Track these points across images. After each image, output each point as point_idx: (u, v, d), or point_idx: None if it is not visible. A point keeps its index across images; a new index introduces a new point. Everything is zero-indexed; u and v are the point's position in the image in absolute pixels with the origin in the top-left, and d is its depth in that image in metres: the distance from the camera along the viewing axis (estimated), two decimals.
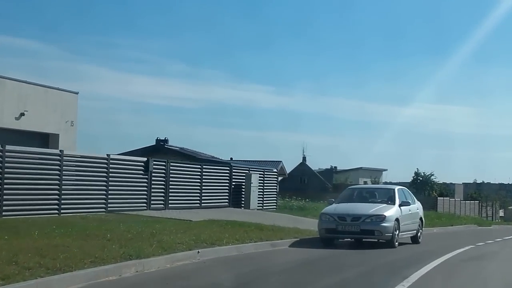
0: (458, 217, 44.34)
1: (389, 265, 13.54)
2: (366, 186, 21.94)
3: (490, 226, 40.82)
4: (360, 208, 16.92)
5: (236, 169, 26.19)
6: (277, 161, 66.01)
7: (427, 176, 75.81)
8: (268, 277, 10.95)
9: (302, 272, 11.89)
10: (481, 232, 30.02)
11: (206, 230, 15.86)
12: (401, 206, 17.35)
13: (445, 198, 56.05)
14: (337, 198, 18.37)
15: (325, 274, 11.54)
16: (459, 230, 31.15)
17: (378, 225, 16.31)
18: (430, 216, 38.02)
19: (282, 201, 35.15)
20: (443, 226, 31.41)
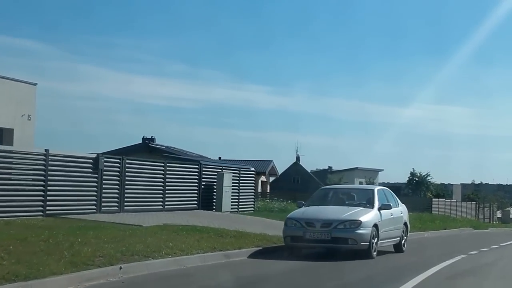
0: (453, 219, 41.80)
1: (359, 283, 11.05)
2: (341, 187, 19.30)
3: (487, 229, 38.34)
4: (332, 212, 14.40)
5: (206, 167, 23.60)
6: (267, 160, 63.59)
7: (423, 177, 73.33)
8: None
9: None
10: (477, 237, 27.52)
11: (149, 238, 13.37)
12: (381, 209, 14.83)
13: (440, 200, 53.48)
14: (308, 200, 15.83)
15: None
16: (452, 234, 28.63)
17: (352, 232, 13.77)
18: (424, 218, 35.57)
19: (263, 202, 32.56)
20: (436, 230, 28.92)
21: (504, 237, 27.74)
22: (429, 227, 29.23)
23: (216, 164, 25.79)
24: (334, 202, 15.47)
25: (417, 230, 26.76)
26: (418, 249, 18.20)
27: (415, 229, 26.81)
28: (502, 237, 28.45)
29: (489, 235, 30.01)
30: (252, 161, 63.12)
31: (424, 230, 27.34)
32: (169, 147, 59.05)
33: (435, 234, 27.30)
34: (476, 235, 29.00)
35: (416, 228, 27.11)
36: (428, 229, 27.94)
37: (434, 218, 38.09)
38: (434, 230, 28.64)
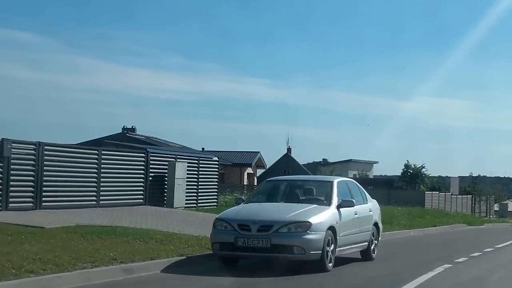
0: (446, 214, 38.34)
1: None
2: (293, 178, 15.60)
3: (482, 225, 34.90)
4: (275, 211, 10.96)
5: (156, 156, 20.14)
6: (254, 152, 60.21)
7: (418, 169, 69.81)
8: None
9: None
10: (469, 236, 24.10)
11: (27, 246, 10.01)
12: (341, 207, 11.41)
13: (434, 193, 50.04)
14: (249, 195, 12.39)
15: None
16: (442, 233, 25.20)
17: (298, 238, 10.34)
18: (413, 213, 32.17)
19: (231, 196, 29.06)
20: (424, 227, 25.49)
21: (501, 235, 24.35)
22: (417, 224, 25.81)
23: (168, 152, 22.18)
24: (284, 198, 12.04)
25: (401, 227, 23.39)
26: (394, 254, 14.81)
27: (400, 227, 23.46)
28: (498, 235, 25.06)
29: (484, 233, 26.62)
30: (237, 153, 59.89)
31: (410, 227, 23.95)
32: (150, 137, 55.72)
33: (422, 233, 23.90)
34: (469, 234, 25.59)
35: (400, 226, 23.76)
36: (415, 227, 24.53)
37: (425, 213, 34.66)
38: (422, 227, 25.21)
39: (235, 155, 58.46)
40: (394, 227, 22.82)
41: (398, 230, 22.34)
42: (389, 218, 26.03)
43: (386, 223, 24.11)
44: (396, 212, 30.72)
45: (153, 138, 54.83)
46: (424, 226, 25.64)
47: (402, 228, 23.34)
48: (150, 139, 53.39)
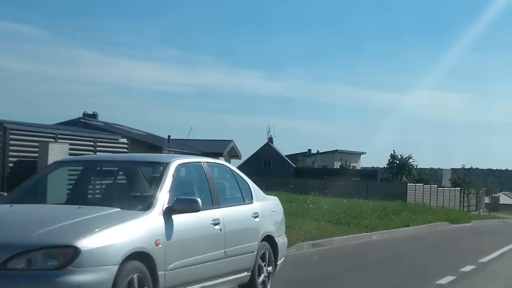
0: (429, 209, 32.82)
1: None
2: (98, 158, 9.53)
3: (469, 222, 29.38)
4: (19, 223, 5.38)
5: (19, 134, 14.40)
6: (226, 140, 54.50)
7: (405, 159, 64.29)
8: None
9: None
10: (447, 241, 18.56)
11: None
12: (172, 212, 5.86)
13: (418, 185, 44.48)
14: (16, 188, 6.73)
15: None
16: (414, 235, 19.68)
17: (46, 281, 4.78)
18: (388, 209, 26.64)
19: None
20: (394, 228, 20.01)
21: (489, 238, 18.92)
22: (386, 223, 20.32)
23: (38, 130, 16.08)
24: (72, 195, 6.54)
25: (360, 230, 17.89)
26: (322, 277, 9.28)
27: (359, 229, 17.96)
28: (486, 238, 19.63)
29: (468, 235, 21.10)
30: (208, 141, 54.31)
31: (374, 229, 18.46)
32: (111, 124, 50.17)
33: (389, 236, 18.44)
34: (448, 237, 20.05)
35: (360, 227, 18.25)
36: (380, 228, 19.04)
37: (403, 208, 29.16)
38: (391, 228, 19.72)
39: (205, 144, 52.86)
40: (351, 230, 17.36)
41: (354, 234, 16.86)
42: (351, 216, 20.62)
43: (341, 223, 18.75)
44: (365, 208, 25.21)
45: (114, 124, 49.30)
46: (393, 227, 20.13)
47: (362, 230, 17.84)
48: (110, 126, 47.91)
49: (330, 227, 17.27)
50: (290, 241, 13.33)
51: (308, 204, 23.39)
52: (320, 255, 13.05)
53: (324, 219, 18.58)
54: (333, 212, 21.36)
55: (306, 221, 17.65)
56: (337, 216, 20.10)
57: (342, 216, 20.14)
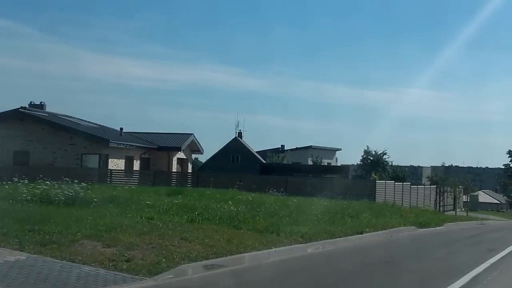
0: (398, 209, 28.61)
1: None
2: None
3: (441, 225, 25.07)
4: None
5: None
6: (187, 133, 50.02)
7: (379, 155, 60.17)
8: None
9: None
10: (407, 255, 14.16)
11: None
12: None
13: (388, 182, 40.18)
14: None
15: None
16: (366, 247, 15.25)
17: None
18: (346, 210, 22.52)
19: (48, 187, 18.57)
20: (342, 236, 15.64)
21: (463, 251, 14.67)
22: (334, 230, 15.95)
23: None
24: None
25: (293, 240, 13.52)
26: None
27: (293, 239, 13.63)
28: (458, 249, 15.36)
29: (435, 246, 16.73)
30: (166, 134, 49.73)
31: (312, 239, 14.06)
32: (58, 115, 45.44)
33: (332, 247, 14.08)
34: (408, 248, 15.65)
35: (295, 236, 13.90)
36: (324, 237, 14.65)
37: (366, 209, 24.98)
38: (339, 236, 15.36)
39: (163, 137, 48.39)
40: (278, 241, 12.98)
41: (282, 247, 12.48)
42: (288, 221, 16.33)
43: (268, 232, 14.42)
44: (317, 209, 20.94)
45: (61, 116, 44.63)
46: (342, 234, 15.77)
47: (295, 241, 13.45)
48: (55, 117, 43.27)
49: (250, 237, 12.90)
50: (170, 261, 8.99)
51: (237, 205, 19.05)
52: (208, 282, 8.71)
53: (248, 226, 14.20)
54: (269, 216, 17.06)
55: (220, 229, 13.29)
56: (270, 221, 15.78)
57: (275, 221, 15.82)
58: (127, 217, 14.02)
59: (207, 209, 16.46)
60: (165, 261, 9.52)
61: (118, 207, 15.74)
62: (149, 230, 11.83)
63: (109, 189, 22.08)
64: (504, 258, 13.55)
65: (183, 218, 14.44)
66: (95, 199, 15.75)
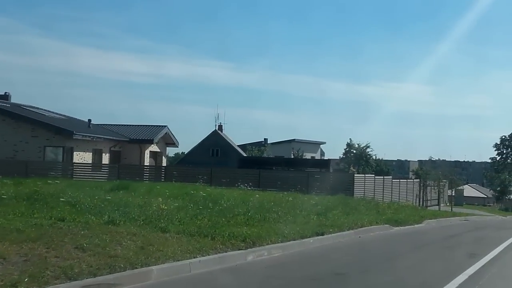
0: (375, 205, 26.18)
1: None
2: None
3: (421, 222, 22.63)
4: None
5: None
6: (160, 125, 47.38)
7: (362, 148, 57.73)
8: None
9: None
10: (366, 265, 11.52)
11: None
12: None
13: (367, 176, 37.73)
14: None
15: None
16: (322, 252, 12.65)
17: None
18: (315, 207, 20.15)
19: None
20: (297, 239, 13.11)
21: (438, 257, 12.17)
22: (287, 232, 13.41)
23: None
24: None
25: (235, 245, 10.99)
26: None
27: (233, 243, 11.08)
28: (433, 254, 12.87)
29: (407, 249, 14.22)
30: (138, 127, 47.05)
31: (256, 242, 11.51)
32: (21, 106, 42.73)
33: (281, 252, 11.54)
34: (372, 254, 12.99)
35: (237, 241, 11.35)
36: (272, 240, 12.10)
37: (339, 205, 22.54)
38: (292, 239, 12.83)
39: (135, 130, 45.72)
40: (213, 247, 10.43)
41: (216, 254, 9.96)
42: (243, 219, 13.89)
43: (202, 235, 11.90)
44: (278, 206, 18.54)
45: (26, 107, 41.88)
46: (298, 237, 13.23)
47: (232, 246, 10.89)
48: (19, 108, 40.51)
49: (174, 243, 10.34)
50: (34, 281, 6.47)
51: (188, 202, 16.55)
52: None
53: (177, 229, 11.64)
54: (219, 214, 14.59)
55: (140, 232, 10.74)
56: (215, 220, 13.29)
57: (219, 221, 13.31)
58: (32, 217, 11.45)
59: (140, 207, 13.90)
60: (28, 280, 6.97)
61: (33, 204, 13.16)
62: (38, 236, 9.25)
63: (46, 185, 19.46)
64: (486, 266, 11.09)
65: (102, 219, 11.87)
66: (3, 196, 13.14)
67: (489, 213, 45.15)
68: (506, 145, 78.43)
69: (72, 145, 37.95)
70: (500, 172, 76.13)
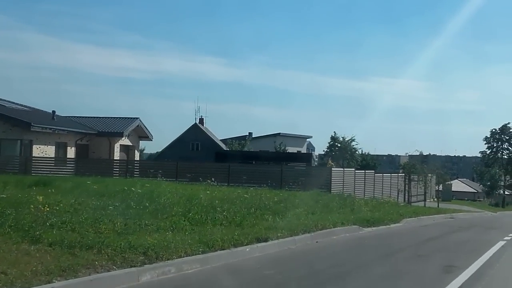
0: (351, 202, 23.28)
1: None
2: None
3: (398, 221, 19.75)
4: None
5: None
6: (131, 118, 44.33)
7: (347, 142, 54.82)
8: None
9: None
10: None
11: None
12: None
13: (348, 170, 34.80)
14: None
15: None
16: (250, 267, 9.66)
17: None
18: (278, 204, 17.39)
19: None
20: (231, 248, 10.17)
21: (406, 269, 9.28)
22: (215, 239, 10.47)
23: None
24: None
25: (127, 260, 8.01)
26: None
27: (125, 258, 8.09)
28: (401, 267, 9.95)
29: (366, 262, 11.27)
30: (107, 119, 44.00)
31: (165, 256, 8.57)
32: None
33: (199, 267, 8.60)
34: (317, 269, 9.87)
35: (133, 253, 8.37)
36: (194, 251, 9.16)
37: (307, 202, 19.68)
38: (220, 249, 9.90)
39: (104, 122, 42.69)
40: (95, 263, 7.50)
41: (93, 275, 7.04)
42: (171, 222, 11.02)
43: (84, 247, 8.95)
44: (230, 205, 15.71)
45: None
46: (231, 244, 10.31)
47: (125, 262, 7.94)
48: None
49: (38, 259, 7.43)
50: None
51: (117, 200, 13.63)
52: None
53: (55, 238, 8.68)
54: (147, 216, 11.75)
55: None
56: (124, 225, 10.38)
57: (135, 224, 10.42)
58: None
59: (16, 208, 10.91)
60: None
61: None
62: None
63: None
64: (465, 286, 8.21)
65: None
66: None
67: (478, 209, 42.40)
68: (496, 138, 75.70)
69: (32, 138, 34.94)
70: (490, 167, 73.48)
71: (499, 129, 75.70)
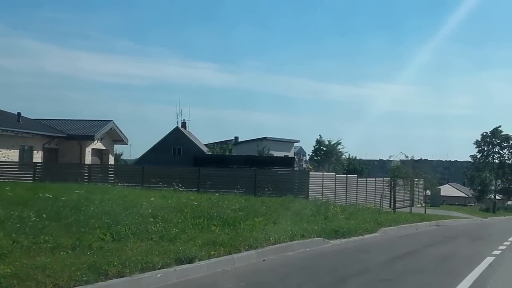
0: (325, 209, 20.89)
1: None
2: None
3: (375, 231, 17.35)
4: None
5: None
6: (104, 120, 41.83)
7: (333, 145, 52.42)
8: None
9: None
10: None
11: None
12: None
13: (327, 174, 32.39)
14: None
15: None
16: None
17: None
18: (236, 213, 15.06)
19: None
20: (138, 273, 7.73)
21: None
22: (113, 262, 8.05)
23: None
24: None
25: None
26: None
27: None
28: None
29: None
30: (78, 121, 41.45)
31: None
32: None
33: None
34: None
35: None
36: (71, 282, 6.73)
37: (275, 209, 17.42)
38: (119, 276, 7.48)
39: (75, 125, 40.17)
40: None
41: None
42: (97, 231, 8.52)
43: None
44: (176, 211, 13.35)
45: None
46: (138, 269, 7.88)
47: None
48: None
49: None
50: None
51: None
52: None
53: None
54: (52, 230, 9.31)
55: None
56: None
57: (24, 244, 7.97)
58: None
59: None
60: None
61: None
62: None
63: None
64: None
65: None
66: None
67: (467, 215, 40.07)
68: (487, 142, 73.47)
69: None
70: (481, 171, 71.21)
71: (490, 132, 73.52)
